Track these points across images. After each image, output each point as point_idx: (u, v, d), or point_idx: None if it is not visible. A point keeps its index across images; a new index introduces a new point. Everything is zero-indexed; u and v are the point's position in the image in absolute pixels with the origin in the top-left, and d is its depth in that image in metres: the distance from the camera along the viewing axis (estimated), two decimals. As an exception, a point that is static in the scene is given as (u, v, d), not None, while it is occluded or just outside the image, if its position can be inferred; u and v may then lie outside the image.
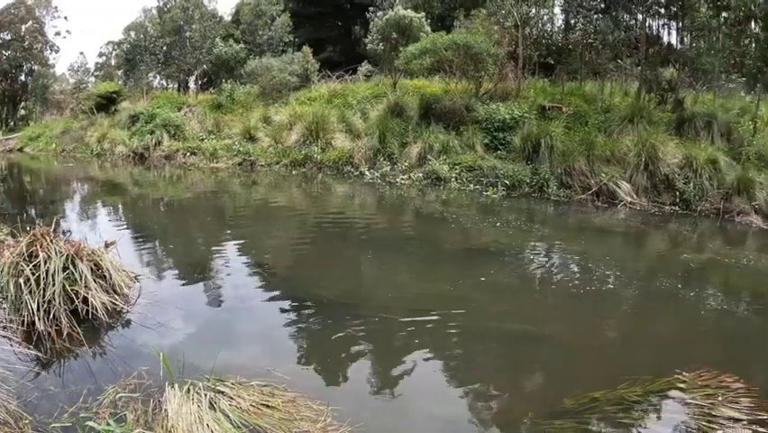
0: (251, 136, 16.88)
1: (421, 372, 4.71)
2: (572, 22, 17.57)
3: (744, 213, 12.83)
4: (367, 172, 14.29)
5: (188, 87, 24.26)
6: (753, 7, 15.70)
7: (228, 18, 29.02)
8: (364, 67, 21.26)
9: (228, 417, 3.57)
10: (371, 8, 21.28)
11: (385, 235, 9.57)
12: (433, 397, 4.37)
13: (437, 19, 22.13)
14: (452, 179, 13.61)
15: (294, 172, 14.87)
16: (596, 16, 16.87)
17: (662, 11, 19.29)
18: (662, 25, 21.51)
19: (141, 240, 8.32)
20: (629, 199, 13.07)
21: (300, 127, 15.98)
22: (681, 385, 4.44)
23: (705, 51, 16.73)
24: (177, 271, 6.95)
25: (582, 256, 8.87)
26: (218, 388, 3.84)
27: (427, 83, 18.15)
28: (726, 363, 4.81)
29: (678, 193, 13.14)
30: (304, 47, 21.08)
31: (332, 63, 23.27)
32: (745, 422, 3.98)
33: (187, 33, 22.03)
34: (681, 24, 19.36)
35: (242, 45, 22.33)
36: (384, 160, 14.48)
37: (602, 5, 17.33)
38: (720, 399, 4.24)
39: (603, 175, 13.29)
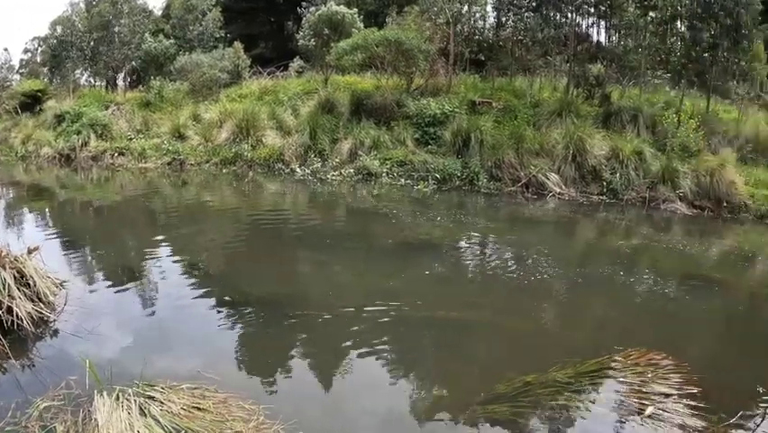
0: (181, 135, 16.44)
1: (355, 366, 4.70)
2: (503, 19, 17.81)
3: (669, 201, 13.47)
4: (298, 169, 14.15)
5: (116, 85, 23.51)
6: (679, 7, 16.35)
7: (158, 12, 28.34)
8: (296, 63, 21.00)
9: (159, 422, 3.50)
10: (304, 3, 21.10)
11: (317, 232, 9.50)
12: (367, 391, 4.36)
13: (370, 15, 22.09)
14: (384, 175, 13.61)
15: (224, 171, 14.57)
16: (527, 14, 17.19)
17: (591, 10, 19.82)
18: (591, 24, 22.13)
19: (67, 245, 7.98)
20: (558, 190, 13.37)
21: (230, 125, 15.68)
22: (613, 365, 4.57)
23: (632, 49, 17.29)
24: (104, 276, 6.68)
25: (515, 246, 9.07)
26: (148, 393, 3.76)
27: (359, 79, 18.09)
28: (656, 342, 4.98)
29: (605, 183, 13.61)
30: (235, 43, 20.67)
31: (263, 59, 22.89)
32: (675, 397, 4.14)
33: (116, 28, 21.29)
34: (609, 23, 19.94)
35: (171, 41, 21.80)
36: (315, 156, 14.38)
37: (533, 4, 17.64)
38: (651, 376, 4.39)
39: (532, 167, 13.55)
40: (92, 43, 22.04)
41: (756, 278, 9.26)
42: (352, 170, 13.78)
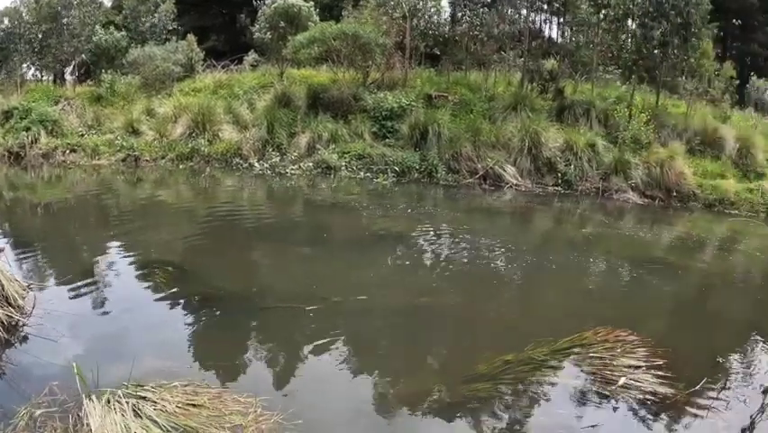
0: (135, 130, 16.03)
1: (338, 356, 4.75)
2: (459, 14, 18.02)
3: (621, 190, 14.07)
4: (256, 164, 13.99)
5: (64, 79, 22.86)
6: (631, 6, 16.84)
7: (109, 3, 27.64)
8: (250, 56, 20.77)
9: (156, 422, 3.44)
10: None
11: (278, 226, 9.48)
12: (354, 377, 4.43)
13: (325, 8, 21.91)
14: (343, 168, 13.62)
15: (181, 167, 14.21)
16: (482, 10, 17.46)
17: (545, 6, 20.29)
18: (545, 20, 22.69)
19: (23, 248, 7.55)
20: (514, 182, 13.71)
21: (186, 119, 15.35)
22: (584, 342, 4.80)
23: (584, 45, 17.77)
24: (68, 278, 6.39)
25: (476, 235, 9.26)
26: (139, 394, 3.68)
27: (315, 73, 18.03)
28: (621, 321, 5.26)
29: (560, 175, 14.08)
30: (188, 35, 20.32)
31: (216, 52, 22.55)
32: (643, 368, 4.44)
33: (65, 20, 20.74)
34: (562, 19, 20.45)
35: (123, 33, 21.30)
36: (273, 150, 14.23)
37: (488, 0, 17.98)
38: (619, 351, 4.67)
39: (489, 160, 13.85)
40: (40, 36, 21.44)
41: (707, 260, 9.86)
42: (311, 164, 13.72)
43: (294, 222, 10.01)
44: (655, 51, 16.52)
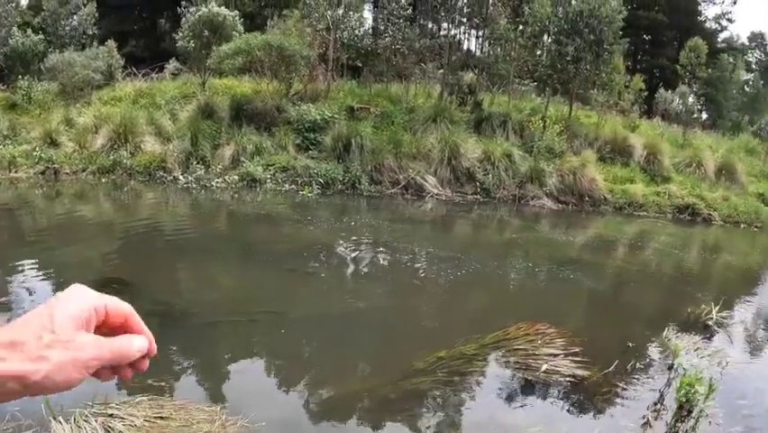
0: (53, 141, 15.46)
1: (286, 362, 5.15)
2: (382, 28, 18.53)
3: (537, 197, 15.17)
4: (181, 177, 13.85)
5: (-28, 86, 22.09)
6: (547, 23, 17.97)
7: (24, 2, 26.73)
8: (171, 64, 20.63)
9: None
10: (184, 3, 20.88)
11: (205, 241, 9.50)
12: (306, 380, 4.76)
13: (247, 17, 22.01)
14: (268, 180, 13.82)
15: (103, 180, 13.84)
16: (404, 24, 18.14)
17: (465, 20, 21.24)
18: (464, 32, 23.69)
19: None
20: (435, 191, 14.46)
21: (107, 130, 14.99)
22: (507, 336, 5.39)
23: (502, 58, 18.76)
24: None
25: (400, 243, 9.79)
26: (106, 412, 3.75)
27: (237, 83, 18.14)
28: (541, 316, 5.90)
29: (479, 183, 15.00)
30: (109, 41, 19.96)
31: (135, 58, 22.23)
32: (562, 356, 5.06)
33: (-21, 19, 20.08)
34: (481, 33, 21.45)
35: (40, 36, 20.73)
36: (197, 163, 14.16)
37: (410, 13, 18.68)
38: (539, 342, 5.27)
39: (411, 170, 14.53)
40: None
41: (619, 258, 11.14)
42: (236, 177, 13.80)
43: (222, 236, 10.10)
44: (569, 66, 17.71)
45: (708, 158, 20.02)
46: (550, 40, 18.29)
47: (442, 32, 19.45)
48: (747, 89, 39.02)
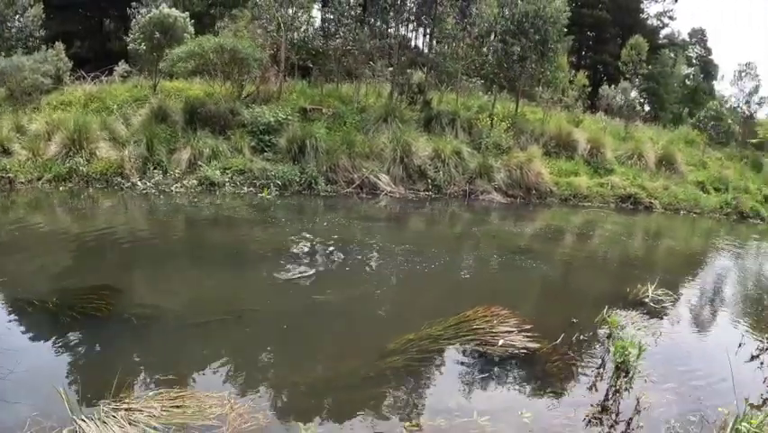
0: (5, 149, 14.94)
1: (272, 352, 5.76)
2: (333, 29, 18.98)
3: (486, 192, 16.19)
4: (139, 183, 13.86)
5: None
6: (494, 24, 18.88)
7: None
8: (120, 67, 20.39)
9: (155, 427, 3.96)
10: (134, 4, 20.84)
11: (166, 247, 9.72)
12: (296, 366, 5.39)
13: (195, 16, 21.34)
14: (226, 184, 14.03)
15: (61, 189, 13.65)
16: (354, 25, 18.66)
17: (413, 18, 21.95)
18: (412, 30, 24.44)
19: None
20: (389, 189, 15.19)
21: (60, 137, 14.77)
22: (467, 318, 6.25)
23: (450, 56, 19.57)
24: None
25: (358, 239, 10.56)
26: (125, 407, 4.10)
27: (188, 85, 18.22)
28: (495, 300, 6.75)
29: (430, 180, 15.86)
30: (57, 43, 19.70)
31: (79, 60, 21.81)
32: (515, 332, 5.99)
33: None
34: (430, 32, 22.25)
35: (-14, 38, 20.32)
36: (155, 168, 14.19)
37: (360, 14, 19.25)
38: (495, 322, 6.14)
39: (364, 169, 15.20)
40: None
41: (565, 246, 12.32)
42: (195, 181, 13.95)
43: (183, 240, 10.36)
44: (515, 65, 18.67)
45: (648, 150, 21.36)
46: (496, 40, 19.19)
47: (390, 30, 20.01)
48: (688, 83, 40.95)
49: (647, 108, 36.64)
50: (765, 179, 25.59)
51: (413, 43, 24.16)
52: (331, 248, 9.44)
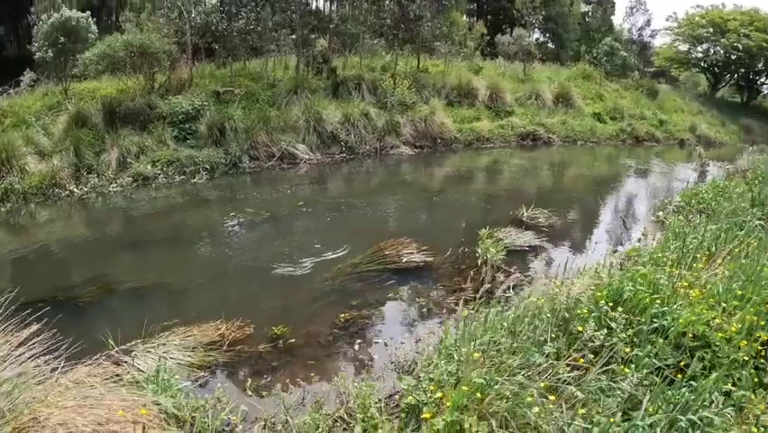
0: None
1: (240, 296, 8.22)
2: (234, 10, 19.83)
3: (395, 146, 18.78)
4: (75, 189, 14.24)
5: None
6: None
7: None
8: (27, 76, 20.64)
9: (183, 344, 6.13)
10: (33, 9, 21.21)
11: (109, 249, 10.53)
12: (260, 299, 7.93)
13: (91, 8, 21.06)
14: (159, 176, 14.99)
15: (2, 210, 13.28)
16: (254, 3, 20.02)
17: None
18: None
19: None
20: (307, 157, 17.38)
21: None
22: (381, 248, 9.12)
23: (350, 17, 21.56)
24: None
25: (288, 201, 13.38)
26: (158, 341, 6.03)
27: (99, 84, 18.78)
28: (402, 233, 9.83)
29: (343, 143, 18.20)
30: None
31: None
32: (416, 252, 8.98)
33: None
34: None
35: None
36: (88, 173, 14.66)
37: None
38: (401, 248, 9.10)
39: (282, 142, 17.24)
40: None
41: (466, 185, 15.52)
42: (129, 179, 14.75)
43: (126, 233, 11.79)
44: (411, 25, 20.87)
45: (546, 89, 24.16)
46: (393, 2, 21.35)
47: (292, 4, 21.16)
48: (588, 20, 43.93)
49: (552, 46, 39.53)
50: (660, 105, 28.93)
51: (314, 5, 25.68)
52: (268, 214, 12.00)
